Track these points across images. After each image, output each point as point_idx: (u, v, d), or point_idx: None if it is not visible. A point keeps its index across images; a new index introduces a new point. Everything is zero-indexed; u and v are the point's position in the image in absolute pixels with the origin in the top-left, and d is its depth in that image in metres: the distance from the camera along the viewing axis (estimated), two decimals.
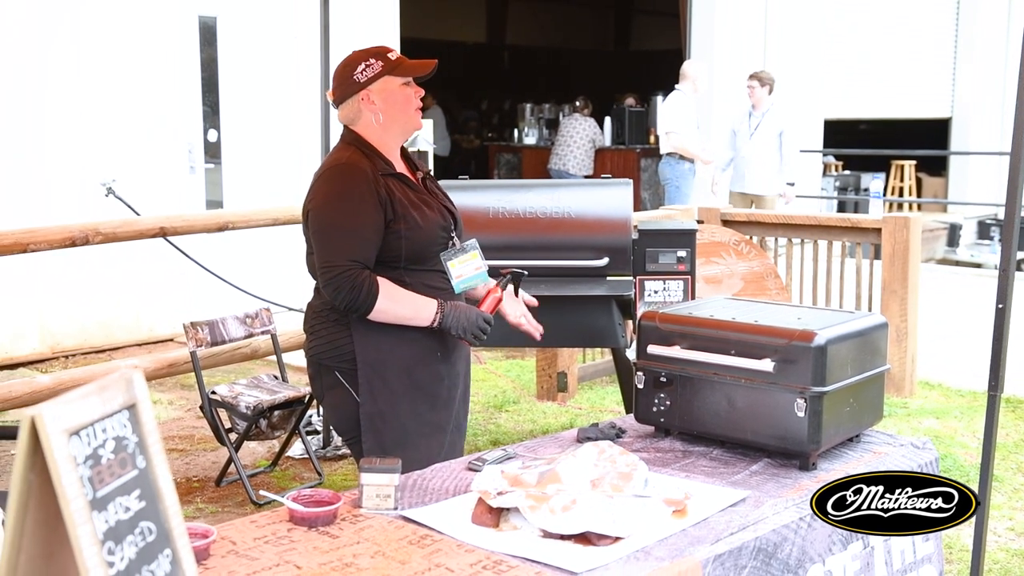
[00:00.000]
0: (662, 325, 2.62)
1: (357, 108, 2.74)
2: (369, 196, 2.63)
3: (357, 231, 2.62)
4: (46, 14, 6.52)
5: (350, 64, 2.74)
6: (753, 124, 8.60)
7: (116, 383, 1.39)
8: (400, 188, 2.71)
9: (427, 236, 2.70)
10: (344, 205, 2.63)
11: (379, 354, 2.70)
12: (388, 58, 2.73)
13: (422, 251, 2.71)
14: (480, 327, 2.73)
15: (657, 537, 2.02)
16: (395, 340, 2.69)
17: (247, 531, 2.01)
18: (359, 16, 7.78)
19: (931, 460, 2.61)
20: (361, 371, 2.70)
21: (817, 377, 2.37)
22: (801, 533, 2.19)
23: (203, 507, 4.13)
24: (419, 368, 2.73)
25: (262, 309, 4.44)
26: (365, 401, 2.72)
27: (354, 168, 2.67)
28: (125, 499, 1.35)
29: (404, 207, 2.67)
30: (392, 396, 2.71)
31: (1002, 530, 3.93)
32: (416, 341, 2.71)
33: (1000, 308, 2.68)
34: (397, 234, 2.65)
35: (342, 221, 2.62)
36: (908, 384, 5.70)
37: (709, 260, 5.28)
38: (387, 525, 2.06)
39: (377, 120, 2.73)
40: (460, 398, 2.90)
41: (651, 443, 2.63)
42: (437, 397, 2.78)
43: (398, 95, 2.74)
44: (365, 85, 2.71)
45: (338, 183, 2.67)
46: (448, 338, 2.77)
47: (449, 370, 2.81)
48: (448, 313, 2.69)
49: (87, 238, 3.94)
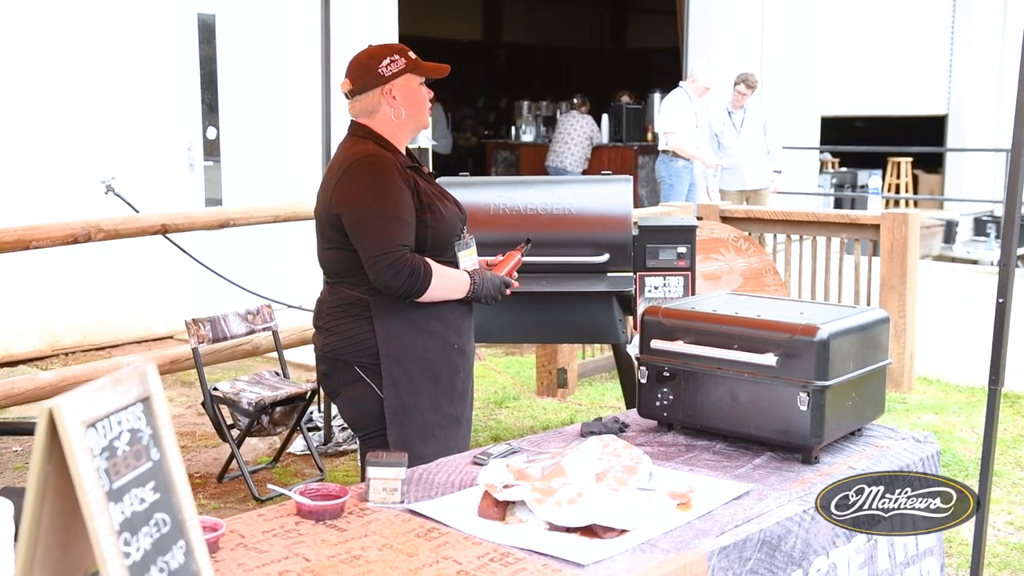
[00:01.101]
0: (665, 320, 2.64)
1: (377, 101, 2.76)
2: (403, 184, 2.69)
3: (401, 217, 2.66)
4: (46, 12, 6.52)
5: (374, 57, 2.77)
6: (738, 122, 8.74)
7: (130, 376, 1.40)
8: (420, 180, 2.77)
9: (449, 226, 2.78)
10: (384, 193, 2.67)
11: (402, 347, 2.73)
12: (409, 56, 2.79)
13: (444, 241, 2.77)
14: (501, 291, 2.86)
15: (662, 530, 2.04)
16: (416, 333, 2.74)
17: (255, 524, 2.03)
18: (359, 14, 7.79)
19: (932, 454, 2.63)
20: (384, 365, 2.72)
21: (820, 371, 2.39)
22: (805, 526, 2.21)
23: (205, 503, 4.14)
24: (438, 361, 2.77)
25: (263, 306, 4.45)
26: (389, 395, 2.73)
27: (383, 158, 2.71)
28: (140, 490, 1.36)
29: (429, 197, 2.74)
30: (415, 389, 2.75)
31: (1001, 524, 3.95)
32: (435, 334, 2.76)
33: (1000, 303, 2.69)
34: (424, 223, 2.71)
35: (385, 210, 2.66)
36: (907, 379, 5.72)
37: (708, 256, 5.30)
38: (394, 518, 2.07)
39: (396, 115, 2.77)
40: (472, 368, 2.96)
41: (654, 437, 2.65)
42: (454, 389, 2.82)
43: (417, 94, 2.80)
44: (389, 80, 2.75)
45: (371, 174, 2.70)
46: (462, 330, 2.83)
47: (464, 362, 2.86)
48: (479, 282, 2.80)
49: (89, 235, 3.94)
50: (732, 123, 8.80)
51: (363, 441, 2.87)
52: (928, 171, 15.32)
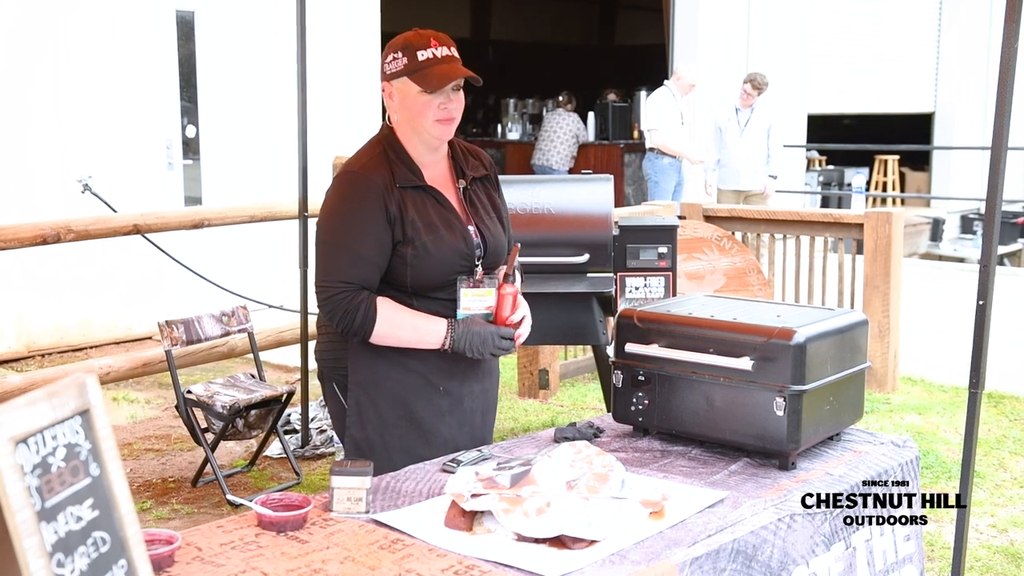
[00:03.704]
0: (640, 323, 2.58)
1: (385, 98, 2.49)
2: (376, 212, 2.38)
3: (356, 250, 2.38)
4: (26, 9, 6.43)
5: (391, 46, 2.46)
6: (743, 120, 8.64)
7: (68, 388, 1.34)
8: (419, 205, 2.43)
9: (436, 265, 2.42)
10: (346, 220, 2.40)
11: (373, 376, 2.48)
12: (415, 56, 2.40)
13: (430, 280, 2.44)
14: (498, 345, 2.47)
15: (633, 540, 1.99)
16: (390, 365, 2.47)
17: (214, 536, 1.97)
18: (338, 10, 7.72)
19: (911, 459, 2.58)
20: (351, 392, 2.51)
21: (796, 375, 2.34)
22: (781, 535, 2.16)
23: (179, 508, 4.07)
24: (416, 400, 2.50)
25: (239, 307, 4.38)
26: (353, 425, 2.52)
27: (364, 178, 2.41)
28: (77, 508, 1.30)
29: (416, 229, 2.40)
30: (383, 425, 2.50)
31: (984, 527, 3.91)
32: (415, 372, 2.48)
33: (981, 305, 2.65)
34: (403, 258, 2.41)
35: (342, 238, 2.39)
36: (890, 380, 5.68)
37: (691, 256, 5.26)
38: (358, 529, 2.02)
39: (392, 119, 2.50)
40: (481, 414, 2.64)
41: (629, 443, 2.60)
42: (434, 434, 2.52)
43: (414, 101, 2.42)
44: (389, 78, 2.45)
45: (342, 195, 2.43)
46: (454, 373, 2.52)
47: (455, 408, 2.54)
48: (460, 334, 2.43)
49: (59, 236, 3.87)
50: (737, 120, 8.70)
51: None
52: (915, 169, 15.33)
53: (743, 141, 8.66)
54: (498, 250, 2.55)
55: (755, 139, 8.64)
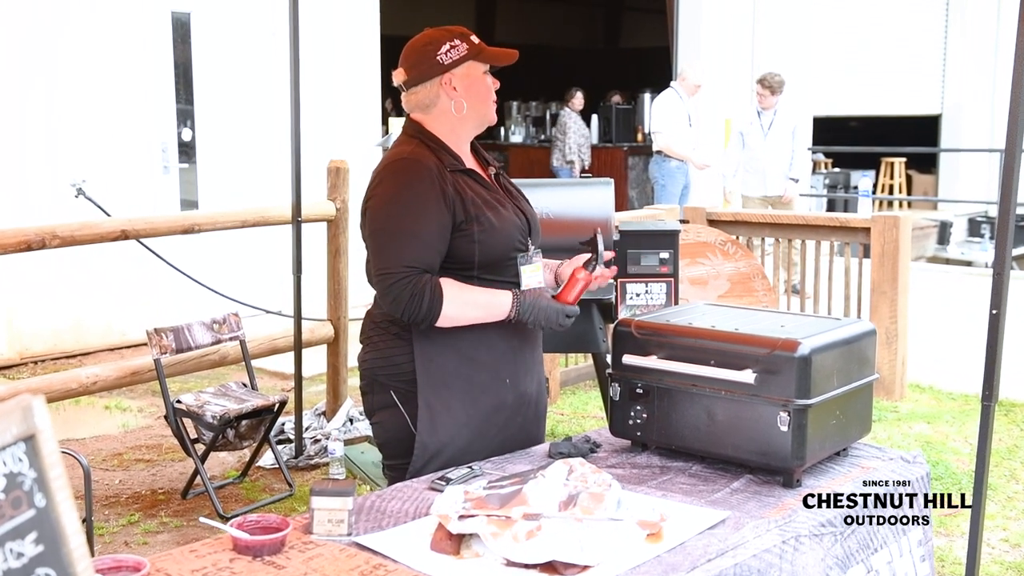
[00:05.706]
0: (638, 333, 2.48)
1: (435, 93, 2.46)
2: (433, 194, 2.36)
3: (417, 234, 2.34)
4: (21, 10, 6.35)
5: (432, 42, 2.46)
6: (766, 123, 8.35)
7: (11, 412, 1.23)
8: (472, 185, 2.45)
9: (503, 240, 2.43)
10: (404, 205, 2.35)
11: (443, 377, 2.44)
12: (472, 41, 2.48)
13: (497, 256, 2.44)
14: (561, 322, 2.47)
15: (629, 565, 1.88)
16: (459, 361, 2.44)
17: (185, 562, 1.86)
18: (336, 13, 7.63)
19: (922, 475, 2.47)
20: (422, 395, 2.44)
21: (801, 389, 2.23)
22: (787, 558, 2.05)
23: (167, 521, 3.97)
24: (485, 397, 2.48)
25: (230, 314, 4.29)
26: (424, 430, 2.44)
27: (417, 163, 2.39)
28: (18, 544, 1.20)
29: (477, 206, 2.40)
30: (455, 426, 2.45)
31: (996, 541, 3.79)
32: (484, 364, 2.47)
33: (995, 314, 2.53)
34: (470, 237, 2.38)
35: (401, 223, 2.35)
36: (898, 387, 5.57)
37: (695, 261, 5.15)
38: (339, 553, 1.91)
39: (457, 109, 2.46)
40: (533, 419, 2.62)
41: (627, 458, 2.49)
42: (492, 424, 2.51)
43: (481, 84, 2.49)
44: (449, 68, 2.44)
45: (397, 183, 2.39)
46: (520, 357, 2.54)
47: (516, 398, 2.55)
48: (527, 305, 2.42)
49: (44, 242, 3.77)
50: (760, 123, 8.35)
51: (388, 467, 2.60)
52: (922, 171, 15.21)
53: (767, 144, 8.32)
54: (538, 228, 2.62)
55: (780, 142, 8.31)
